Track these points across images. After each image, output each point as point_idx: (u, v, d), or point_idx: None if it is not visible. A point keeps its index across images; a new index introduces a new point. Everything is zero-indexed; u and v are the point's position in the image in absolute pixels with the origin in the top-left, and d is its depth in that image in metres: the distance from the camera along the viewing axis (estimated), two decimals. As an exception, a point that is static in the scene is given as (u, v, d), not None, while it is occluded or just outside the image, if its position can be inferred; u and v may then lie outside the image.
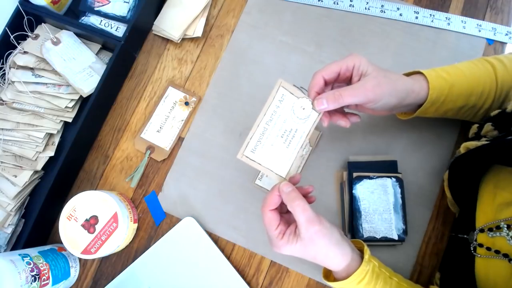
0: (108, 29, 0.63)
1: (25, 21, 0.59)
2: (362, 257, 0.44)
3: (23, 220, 0.59)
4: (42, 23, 0.62)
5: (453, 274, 0.47)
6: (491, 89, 0.47)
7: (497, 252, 0.41)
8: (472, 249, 0.43)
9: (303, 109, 0.44)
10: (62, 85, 0.59)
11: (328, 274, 0.48)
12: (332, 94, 0.43)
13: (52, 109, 0.59)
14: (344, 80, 0.46)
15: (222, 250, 0.57)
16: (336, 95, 0.43)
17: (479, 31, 0.62)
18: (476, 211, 0.45)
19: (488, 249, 0.42)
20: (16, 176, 0.57)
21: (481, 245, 0.43)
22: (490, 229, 0.42)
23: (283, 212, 0.45)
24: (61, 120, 0.59)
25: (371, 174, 0.55)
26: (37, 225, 0.55)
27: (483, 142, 0.44)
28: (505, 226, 0.41)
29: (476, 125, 0.48)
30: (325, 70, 0.44)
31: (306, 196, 0.44)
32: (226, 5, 0.66)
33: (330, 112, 0.47)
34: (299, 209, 0.41)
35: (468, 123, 0.58)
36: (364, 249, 0.45)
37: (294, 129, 0.44)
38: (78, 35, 0.62)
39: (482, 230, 0.43)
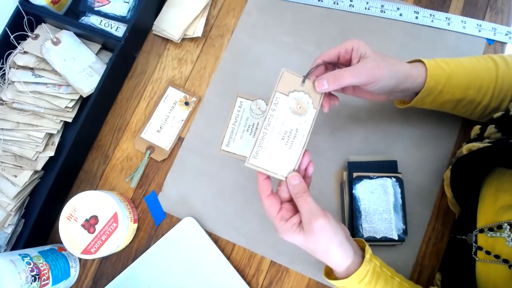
0: (108, 29, 0.63)
1: (25, 21, 0.59)
2: (363, 257, 0.44)
3: (23, 220, 0.59)
4: (42, 23, 0.62)
5: (454, 276, 0.47)
6: (489, 85, 0.47)
7: (497, 257, 0.40)
8: (473, 252, 0.43)
9: (259, 107, 0.59)
10: (62, 85, 0.59)
11: (330, 273, 0.48)
12: (332, 74, 0.44)
13: (52, 109, 0.59)
14: (344, 63, 0.47)
15: (222, 250, 0.57)
16: (337, 75, 0.43)
17: (479, 31, 0.62)
18: (477, 213, 0.45)
19: (488, 253, 0.41)
20: (16, 176, 0.57)
21: (480, 248, 0.43)
22: (491, 229, 0.42)
23: (288, 199, 0.45)
24: (61, 120, 0.59)
25: (371, 174, 0.55)
26: (37, 225, 0.55)
27: (486, 144, 0.44)
28: (508, 226, 0.40)
29: (478, 126, 0.48)
30: (325, 54, 0.46)
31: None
32: (226, 5, 0.66)
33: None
34: (302, 200, 0.42)
35: (468, 123, 0.58)
36: (365, 248, 0.45)
37: (256, 123, 0.60)
38: (78, 35, 0.62)
39: (481, 231, 0.43)
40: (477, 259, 0.43)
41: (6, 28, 0.58)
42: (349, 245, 0.43)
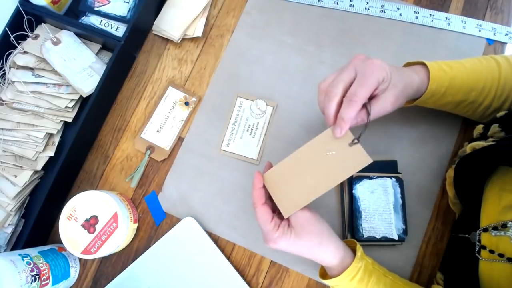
0: (108, 29, 0.63)
1: (25, 21, 0.59)
2: (355, 255, 0.45)
3: (23, 220, 0.59)
4: (42, 23, 0.62)
5: (456, 275, 0.47)
6: (492, 86, 0.47)
7: (500, 255, 0.40)
8: (476, 251, 0.43)
9: (259, 107, 0.58)
10: (62, 85, 0.59)
11: (324, 274, 0.48)
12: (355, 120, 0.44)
13: (52, 109, 0.59)
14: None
15: (222, 250, 0.57)
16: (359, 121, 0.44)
17: (479, 31, 0.62)
18: (480, 212, 0.45)
19: (491, 251, 0.41)
20: (16, 176, 0.57)
21: (484, 247, 0.43)
22: (495, 228, 0.42)
23: (276, 210, 0.47)
24: (61, 120, 0.59)
25: (371, 174, 0.55)
26: (37, 225, 0.55)
27: (489, 142, 0.44)
28: None
29: (481, 126, 0.48)
30: (362, 97, 0.41)
31: None
32: (226, 5, 0.66)
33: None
34: None
35: (468, 123, 0.58)
36: (356, 247, 0.46)
37: (256, 123, 0.59)
38: (78, 35, 0.62)
39: (485, 230, 0.43)
40: (480, 258, 0.43)
41: (6, 28, 0.58)
42: (337, 236, 0.46)
